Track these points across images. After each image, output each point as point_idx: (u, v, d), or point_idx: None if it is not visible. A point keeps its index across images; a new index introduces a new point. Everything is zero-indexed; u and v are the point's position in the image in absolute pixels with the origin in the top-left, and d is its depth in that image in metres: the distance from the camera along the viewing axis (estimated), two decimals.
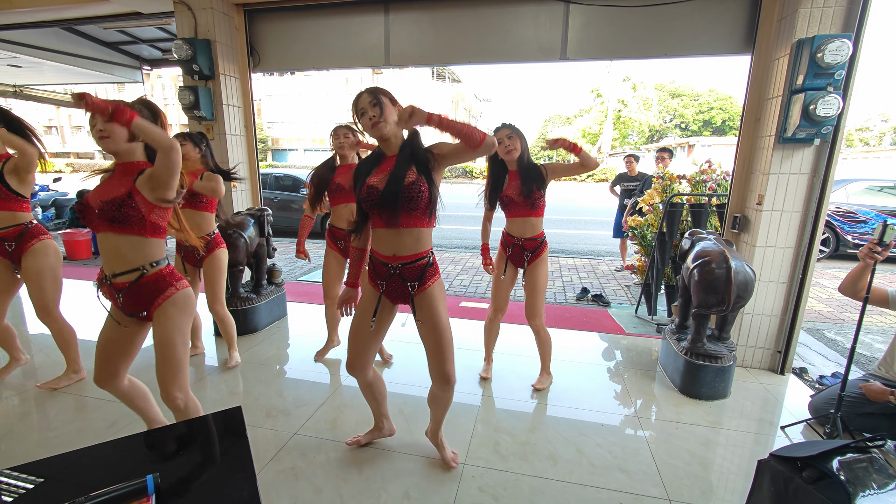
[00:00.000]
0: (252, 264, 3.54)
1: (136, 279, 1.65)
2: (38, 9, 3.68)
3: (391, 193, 1.57)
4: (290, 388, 2.65)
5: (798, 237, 2.72)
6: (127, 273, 1.65)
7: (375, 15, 3.49)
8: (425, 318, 1.75)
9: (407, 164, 1.61)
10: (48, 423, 2.27)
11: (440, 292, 1.78)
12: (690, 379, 2.58)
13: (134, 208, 1.59)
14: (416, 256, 1.69)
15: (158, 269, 1.70)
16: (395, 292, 1.76)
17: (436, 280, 1.76)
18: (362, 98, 1.61)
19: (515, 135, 2.40)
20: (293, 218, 8.60)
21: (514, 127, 2.43)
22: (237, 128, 3.63)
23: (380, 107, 1.59)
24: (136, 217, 1.60)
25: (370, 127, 1.62)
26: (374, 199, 1.60)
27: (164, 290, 1.69)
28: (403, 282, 1.72)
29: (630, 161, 5.63)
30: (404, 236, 1.66)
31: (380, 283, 1.76)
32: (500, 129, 2.44)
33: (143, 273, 1.66)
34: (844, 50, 2.29)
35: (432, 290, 1.74)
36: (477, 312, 4.04)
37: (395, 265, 1.69)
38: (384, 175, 1.62)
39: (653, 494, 1.83)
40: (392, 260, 1.69)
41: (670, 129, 34.33)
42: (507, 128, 2.42)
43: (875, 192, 7.50)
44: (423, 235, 1.69)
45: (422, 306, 1.74)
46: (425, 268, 1.72)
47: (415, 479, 1.89)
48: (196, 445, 1.17)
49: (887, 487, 1.20)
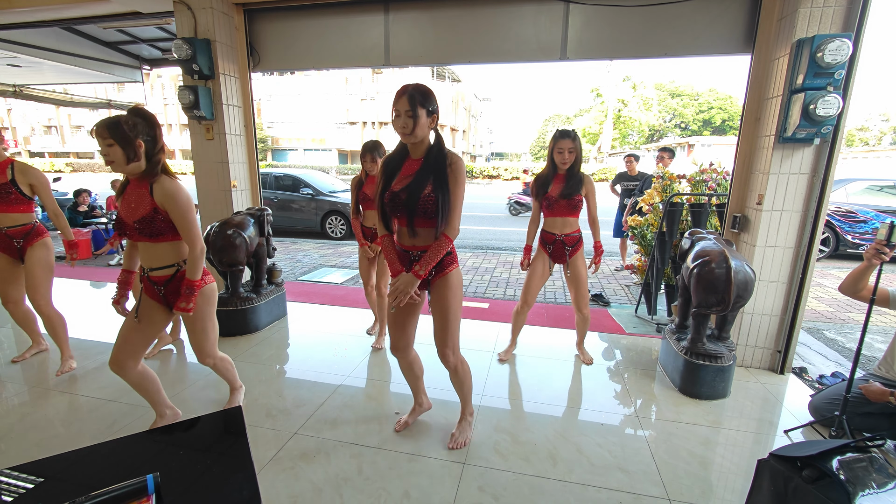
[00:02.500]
0: (252, 264, 3.54)
1: (174, 273, 1.93)
2: (37, 8, 3.67)
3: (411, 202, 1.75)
4: (290, 388, 2.65)
5: (798, 237, 2.72)
6: (165, 268, 1.92)
7: (375, 15, 3.49)
8: (438, 301, 1.91)
9: (427, 175, 1.76)
10: (48, 423, 2.27)
11: (456, 280, 1.92)
12: (690, 378, 2.58)
13: (164, 221, 1.84)
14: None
15: None
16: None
17: (454, 268, 1.91)
18: (402, 101, 1.69)
19: (575, 149, 2.63)
20: (293, 218, 8.61)
21: (577, 138, 2.65)
22: (237, 127, 3.63)
23: (414, 119, 1.69)
24: (167, 227, 1.86)
25: (399, 130, 1.73)
26: (396, 205, 1.79)
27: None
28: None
29: (630, 161, 5.63)
30: (421, 233, 1.83)
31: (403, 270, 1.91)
32: (561, 139, 2.64)
33: (179, 268, 1.94)
34: (844, 50, 2.29)
35: (449, 277, 1.89)
36: (477, 312, 4.04)
37: (416, 253, 1.86)
38: (407, 180, 1.78)
39: (653, 494, 1.83)
40: (412, 248, 1.86)
41: (670, 129, 34.35)
42: (569, 139, 2.63)
43: (875, 192, 7.50)
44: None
45: (437, 291, 1.90)
46: (443, 256, 1.85)
47: (415, 479, 1.89)
48: (196, 445, 1.17)
49: (887, 487, 1.20)
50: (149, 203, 1.81)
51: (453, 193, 1.78)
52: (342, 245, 7.33)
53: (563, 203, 2.69)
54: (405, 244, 1.88)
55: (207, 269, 2.04)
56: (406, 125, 1.69)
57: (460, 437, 2.11)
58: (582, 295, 2.87)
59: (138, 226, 1.82)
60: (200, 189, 3.65)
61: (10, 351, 3.14)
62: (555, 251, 2.82)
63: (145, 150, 1.81)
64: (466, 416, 2.17)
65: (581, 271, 2.83)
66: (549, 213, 2.77)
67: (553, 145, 2.68)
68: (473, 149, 48.29)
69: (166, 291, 1.94)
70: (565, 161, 2.64)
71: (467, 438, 2.13)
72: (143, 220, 1.81)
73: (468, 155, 44.60)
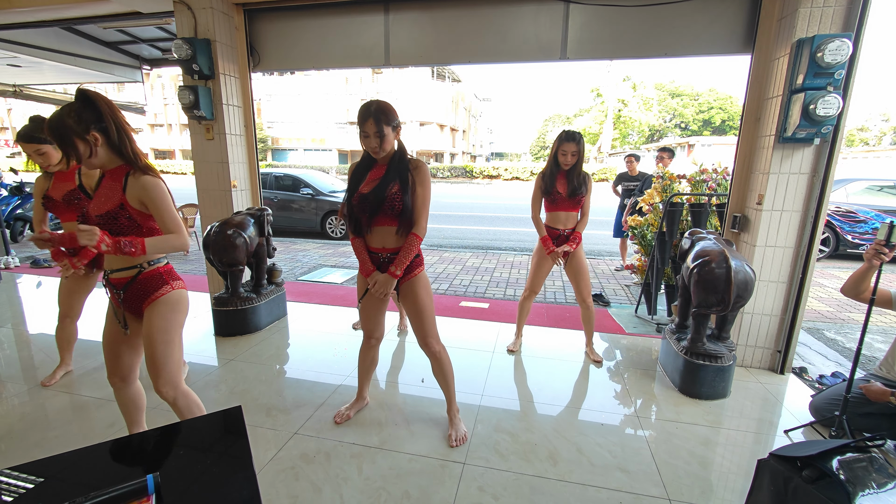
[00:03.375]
0: (252, 264, 3.54)
1: (135, 276, 1.69)
2: (37, 8, 3.67)
3: (377, 201, 1.88)
4: (290, 388, 2.65)
5: (798, 237, 2.72)
6: (126, 269, 1.69)
7: (375, 15, 3.49)
8: (410, 302, 2.05)
9: (393, 178, 1.90)
10: (48, 423, 2.27)
11: (424, 281, 2.07)
12: (690, 378, 2.58)
13: (129, 218, 1.64)
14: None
15: (156, 266, 1.73)
16: None
17: (419, 271, 2.07)
18: (369, 124, 1.84)
19: (578, 152, 2.76)
20: (293, 218, 8.61)
21: (581, 141, 2.78)
22: (237, 127, 3.63)
23: (381, 138, 1.86)
24: (131, 226, 1.65)
25: (371, 151, 1.91)
26: (364, 206, 1.91)
27: (160, 288, 1.71)
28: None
29: (630, 161, 5.63)
30: (388, 233, 1.96)
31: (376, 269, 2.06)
32: (566, 141, 2.76)
33: (140, 270, 1.70)
34: (844, 50, 2.29)
35: (417, 280, 2.04)
36: (477, 312, 4.04)
37: (385, 255, 2.00)
38: (374, 183, 1.92)
39: (653, 494, 1.83)
40: (381, 251, 2.00)
41: (670, 129, 34.34)
42: (573, 143, 2.75)
43: (875, 192, 7.50)
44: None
45: (408, 292, 2.05)
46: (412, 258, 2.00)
47: (415, 479, 1.89)
48: (196, 445, 1.16)
49: (886, 487, 1.20)
50: (118, 198, 1.62)
51: (420, 196, 1.93)
52: (342, 245, 7.33)
53: (567, 200, 2.83)
54: (374, 246, 2.00)
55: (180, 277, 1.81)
56: (376, 145, 1.87)
57: (458, 434, 2.15)
58: (585, 285, 2.96)
59: (101, 221, 1.62)
60: (200, 189, 3.65)
61: (10, 351, 3.15)
62: (558, 244, 2.91)
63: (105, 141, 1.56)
64: (454, 413, 2.24)
65: (583, 263, 2.94)
66: (553, 208, 2.89)
67: (557, 146, 2.80)
68: (473, 149, 48.28)
69: (126, 296, 1.70)
70: (568, 163, 2.78)
71: (465, 431, 2.20)
72: (107, 216, 1.62)
73: (468, 155, 44.59)
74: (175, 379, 1.72)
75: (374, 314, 2.17)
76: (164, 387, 1.69)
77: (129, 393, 1.87)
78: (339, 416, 2.30)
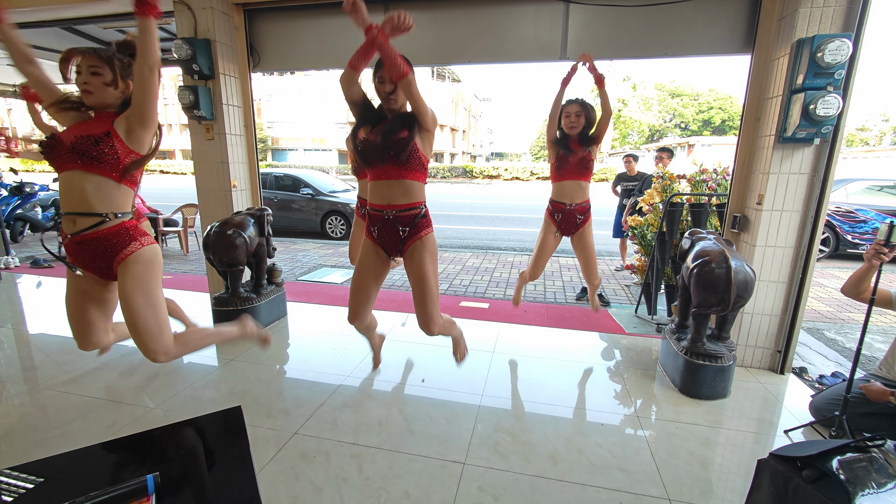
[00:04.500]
0: (252, 264, 3.54)
1: (94, 225, 1.53)
2: (37, 8, 3.67)
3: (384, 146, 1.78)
4: (290, 388, 2.65)
5: (798, 237, 2.72)
6: (86, 216, 1.52)
7: (375, 15, 3.43)
8: (415, 266, 1.91)
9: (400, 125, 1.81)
10: (48, 423, 2.27)
11: (431, 245, 1.94)
12: (690, 378, 2.58)
13: (111, 147, 1.51)
14: (408, 206, 1.85)
15: (121, 220, 1.59)
16: (388, 239, 1.91)
17: (428, 232, 1.91)
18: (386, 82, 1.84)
19: (584, 113, 2.63)
20: (293, 218, 8.61)
21: (584, 103, 2.66)
22: (237, 127, 3.63)
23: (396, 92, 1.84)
24: (110, 157, 1.51)
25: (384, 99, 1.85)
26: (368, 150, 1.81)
27: (127, 245, 1.57)
28: (396, 228, 1.87)
29: (629, 161, 5.63)
30: (395, 187, 1.84)
31: (373, 231, 1.92)
32: (571, 102, 2.69)
33: (103, 220, 1.53)
34: (844, 49, 2.29)
35: (424, 241, 1.91)
36: (477, 312, 4.04)
37: (389, 212, 1.87)
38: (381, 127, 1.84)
39: (653, 494, 1.83)
40: (386, 207, 1.87)
41: (670, 129, 34.33)
42: (576, 104, 2.65)
43: (875, 192, 7.50)
44: (413, 188, 1.85)
45: (413, 255, 1.91)
46: (417, 217, 1.88)
47: (415, 479, 1.89)
48: (196, 445, 1.17)
49: (887, 487, 1.20)
50: (106, 126, 1.53)
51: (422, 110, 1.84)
52: (342, 245, 7.33)
53: (574, 163, 2.67)
54: (379, 203, 1.88)
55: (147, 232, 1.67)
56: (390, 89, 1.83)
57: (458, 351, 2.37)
58: (592, 264, 2.92)
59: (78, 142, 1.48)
60: (200, 189, 3.65)
61: (10, 351, 3.14)
62: (564, 221, 2.81)
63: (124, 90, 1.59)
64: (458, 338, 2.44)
65: (590, 241, 2.87)
66: (559, 177, 2.76)
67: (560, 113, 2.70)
68: (473, 149, 48.28)
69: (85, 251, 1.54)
70: (573, 125, 2.64)
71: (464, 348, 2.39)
72: (87, 138, 1.49)
73: (468, 155, 44.59)
74: (167, 344, 1.59)
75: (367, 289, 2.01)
76: (156, 353, 1.57)
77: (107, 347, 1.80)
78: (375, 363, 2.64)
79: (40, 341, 3.29)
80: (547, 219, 2.87)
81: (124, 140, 1.55)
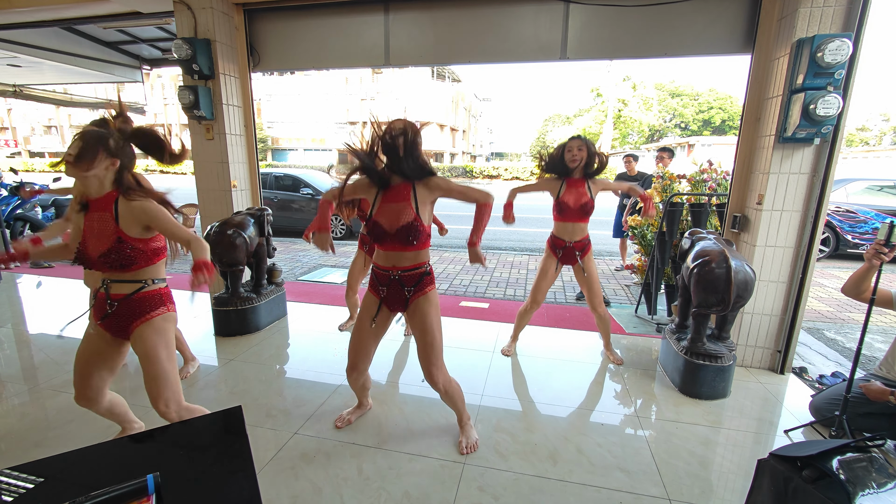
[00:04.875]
0: (252, 264, 3.54)
1: (135, 291, 1.64)
2: (37, 8, 3.67)
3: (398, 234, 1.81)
4: (290, 388, 2.65)
5: (798, 237, 2.72)
6: (128, 283, 1.63)
7: (375, 14, 3.49)
8: (419, 320, 1.93)
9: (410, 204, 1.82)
10: (48, 423, 2.27)
11: (435, 299, 1.97)
12: (690, 378, 2.58)
13: (132, 249, 1.59)
14: (414, 266, 1.91)
15: (158, 287, 1.70)
16: (393, 298, 1.94)
17: (432, 289, 1.96)
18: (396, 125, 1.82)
19: (585, 147, 2.68)
20: (293, 218, 8.60)
21: (586, 140, 2.73)
22: (237, 127, 3.63)
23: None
24: (138, 255, 1.61)
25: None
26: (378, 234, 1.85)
27: (156, 308, 1.67)
28: (402, 287, 1.91)
29: (629, 161, 5.62)
30: (403, 257, 1.89)
31: (380, 290, 1.95)
32: (572, 138, 2.74)
33: (143, 286, 1.65)
34: (844, 49, 2.29)
35: (428, 296, 1.94)
36: (477, 312, 4.04)
37: (395, 273, 1.90)
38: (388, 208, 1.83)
39: (653, 494, 1.83)
40: (392, 269, 1.91)
41: (670, 129, 34.32)
42: (577, 139, 2.72)
43: (875, 192, 7.50)
44: (420, 254, 1.90)
45: (418, 310, 1.93)
46: (422, 276, 1.93)
47: (415, 479, 1.89)
48: (196, 445, 1.16)
49: (887, 487, 1.19)
50: (112, 230, 1.55)
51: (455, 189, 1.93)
52: (342, 245, 7.33)
53: (577, 210, 2.75)
54: (385, 265, 1.91)
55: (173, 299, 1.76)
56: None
57: (469, 441, 2.10)
58: (595, 293, 2.90)
59: (104, 260, 1.57)
60: (200, 189, 3.65)
61: (10, 351, 3.14)
62: (565, 255, 2.87)
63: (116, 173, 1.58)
64: (465, 422, 2.16)
65: (593, 271, 2.88)
66: (561, 219, 2.83)
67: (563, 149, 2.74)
68: (473, 149, 48.26)
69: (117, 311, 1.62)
70: (576, 158, 2.67)
71: (475, 439, 2.13)
72: (108, 253, 1.55)
73: (468, 155, 44.58)
74: (178, 397, 1.68)
75: (367, 344, 2.01)
76: (168, 406, 1.64)
77: (101, 409, 1.82)
78: (341, 421, 2.25)
79: (40, 341, 3.29)
80: (548, 250, 2.93)
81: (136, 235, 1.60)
